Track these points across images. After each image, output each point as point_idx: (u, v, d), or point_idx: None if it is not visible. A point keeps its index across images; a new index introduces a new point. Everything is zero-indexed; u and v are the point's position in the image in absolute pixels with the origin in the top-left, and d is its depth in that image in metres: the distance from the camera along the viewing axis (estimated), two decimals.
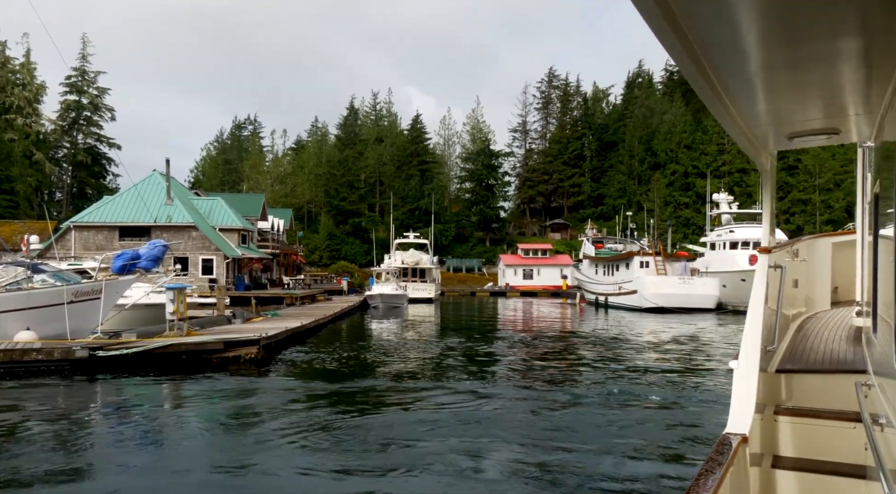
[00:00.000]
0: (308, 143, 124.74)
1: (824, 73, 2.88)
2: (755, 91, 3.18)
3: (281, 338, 23.11)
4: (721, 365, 20.58)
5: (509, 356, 22.68)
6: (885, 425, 3.21)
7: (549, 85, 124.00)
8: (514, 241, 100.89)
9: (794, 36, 2.39)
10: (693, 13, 2.16)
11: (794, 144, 4.44)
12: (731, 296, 46.48)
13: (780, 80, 2.99)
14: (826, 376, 5.12)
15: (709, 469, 3.09)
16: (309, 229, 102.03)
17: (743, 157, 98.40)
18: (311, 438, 11.36)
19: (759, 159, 4.91)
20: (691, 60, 2.51)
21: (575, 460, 10.11)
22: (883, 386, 3.40)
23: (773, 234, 5.83)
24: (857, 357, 5.34)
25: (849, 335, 6.45)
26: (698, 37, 2.34)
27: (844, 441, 4.42)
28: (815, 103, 3.47)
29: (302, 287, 57.06)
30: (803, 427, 4.68)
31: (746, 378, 4.30)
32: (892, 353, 2.85)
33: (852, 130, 4.15)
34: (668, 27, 2.14)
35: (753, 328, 4.53)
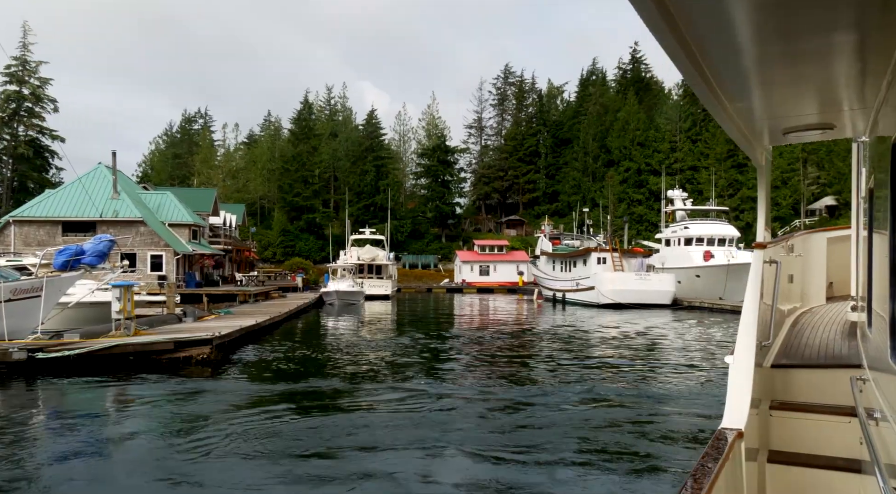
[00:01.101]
0: (261, 137, 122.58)
1: (819, 67, 2.86)
2: (750, 86, 3.17)
3: (234, 337, 22.27)
4: (681, 361, 20.54)
5: (467, 354, 22.29)
6: (879, 419, 3.23)
7: (505, 81, 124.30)
8: (469, 237, 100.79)
9: (788, 30, 2.37)
10: (688, 8, 2.12)
11: (789, 139, 4.42)
12: (686, 292, 47.01)
13: (775, 75, 2.98)
14: (821, 370, 5.12)
15: (704, 463, 3.07)
16: (262, 224, 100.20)
17: (694, 154, 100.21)
18: (264, 444, 10.79)
19: (754, 155, 4.89)
20: (686, 56, 2.47)
21: (535, 461, 9.81)
22: (878, 381, 3.46)
23: (769, 229, 5.80)
24: (851, 352, 5.34)
25: (844, 329, 6.47)
26: (693, 32, 2.31)
27: (839, 436, 4.47)
28: (809, 98, 3.47)
29: (255, 284, 55.78)
30: (798, 422, 4.72)
31: (742, 373, 4.26)
32: (886, 347, 2.89)
33: (847, 125, 4.14)
34: (663, 22, 2.10)
35: (749, 324, 4.51)
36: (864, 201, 5.31)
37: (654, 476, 9.35)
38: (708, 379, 17.19)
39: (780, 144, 4.89)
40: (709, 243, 49.40)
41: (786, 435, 4.75)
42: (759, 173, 5.44)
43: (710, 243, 49.46)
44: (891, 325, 2.89)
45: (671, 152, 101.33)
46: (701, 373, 18.24)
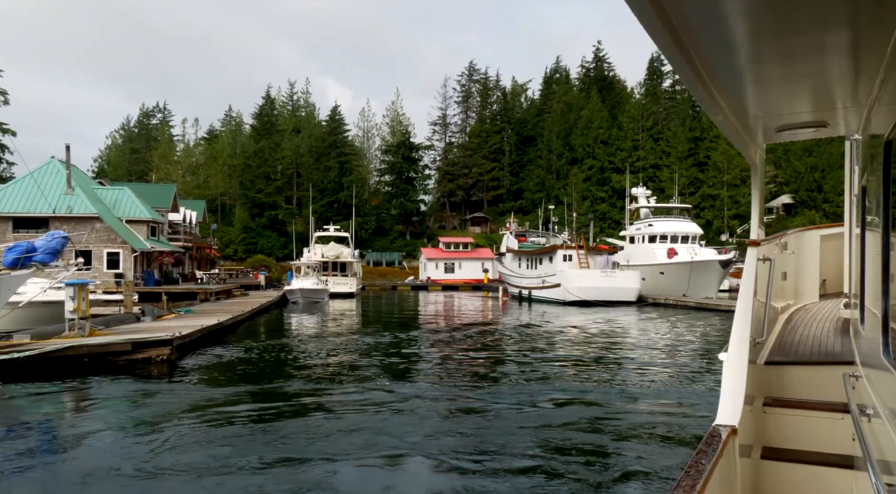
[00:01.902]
0: (222, 133, 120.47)
1: (813, 65, 2.87)
2: (744, 84, 3.17)
3: (195, 337, 21.54)
4: (650, 358, 20.46)
5: (433, 353, 21.94)
6: (872, 415, 3.26)
7: (470, 79, 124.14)
8: (434, 234, 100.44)
9: (782, 28, 2.36)
10: (682, 5, 2.12)
11: (783, 136, 4.45)
12: (650, 289, 47.31)
13: (769, 72, 2.97)
14: (814, 367, 5.17)
15: (698, 460, 3.07)
16: (223, 221, 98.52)
17: (656, 153, 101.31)
18: (223, 451, 10.31)
19: (747, 152, 4.85)
20: (680, 53, 2.45)
21: (504, 468, 9.51)
22: (870, 377, 3.48)
23: (762, 227, 5.82)
24: (844, 349, 5.38)
25: (837, 326, 6.48)
26: (687, 29, 2.30)
27: (832, 432, 4.52)
28: (803, 96, 3.48)
29: (216, 282, 54.66)
30: (792, 419, 4.75)
31: (735, 370, 4.27)
32: (879, 344, 2.93)
33: (840, 123, 4.16)
34: (658, 20, 2.08)
35: (742, 321, 4.51)
36: (856, 199, 5.30)
37: (631, 478, 9.09)
38: (677, 376, 17.09)
39: (774, 142, 4.90)
40: (672, 241, 49.85)
41: (779, 432, 4.77)
42: (752, 171, 5.45)
43: (673, 240, 49.91)
44: (883, 322, 2.91)
45: (633, 151, 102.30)
46: (670, 370, 18.15)
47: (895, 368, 2.65)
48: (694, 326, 31.21)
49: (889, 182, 2.85)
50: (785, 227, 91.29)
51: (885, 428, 2.84)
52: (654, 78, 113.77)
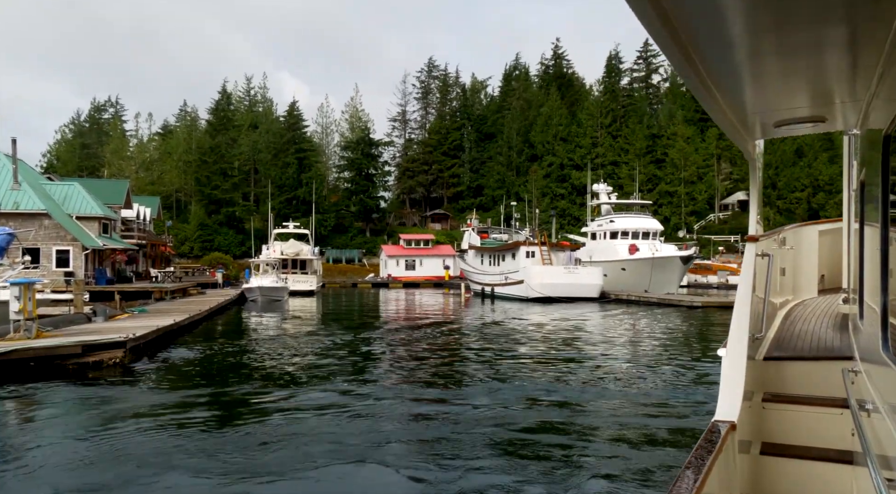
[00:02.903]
0: (177, 128, 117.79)
1: (811, 60, 2.87)
2: (742, 79, 3.17)
3: (150, 339, 20.66)
4: (620, 355, 20.32)
5: (395, 352, 21.48)
6: (871, 411, 3.26)
7: (429, 75, 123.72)
8: (394, 231, 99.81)
9: (780, 23, 2.36)
10: (680, 1, 2.12)
11: (781, 132, 4.45)
12: (612, 285, 47.51)
13: (767, 68, 2.97)
14: (813, 363, 5.17)
15: (698, 456, 3.08)
16: (178, 218, 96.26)
17: (615, 150, 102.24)
18: (180, 460, 9.70)
19: (745, 148, 4.89)
20: (678, 49, 2.45)
21: (463, 468, 9.18)
22: (869, 372, 3.49)
23: (761, 223, 5.87)
24: (843, 344, 5.38)
25: (835, 322, 6.48)
26: (685, 25, 2.30)
27: (832, 428, 4.52)
28: (801, 91, 3.48)
29: (172, 280, 53.24)
30: (791, 414, 4.76)
31: (734, 366, 4.29)
32: (878, 339, 2.93)
33: (838, 118, 4.17)
34: (655, 15, 2.09)
35: (741, 317, 4.52)
36: (855, 194, 5.30)
37: (603, 479, 8.76)
38: (648, 373, 16.91)
39: (772, 138, 4.87)
40: (634, 237, 50.14)
41: (778, 427, 4.78)
42: (750, 167, 5.46)
43: (634, 236, 50.21)
44: (882, 317, 2.91)
45: (593, 148, 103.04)
46: (639, 366, 17.98)
47: (894, 363, 2.63)
48: (658, 322, 31.28)
49: (888, 177, 2.85)
50: (740, 224, 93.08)
51: (884, 423, 2.83)
52: (612, 76, 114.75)
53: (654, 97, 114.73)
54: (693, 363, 18.61)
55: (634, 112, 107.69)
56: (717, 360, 16.01)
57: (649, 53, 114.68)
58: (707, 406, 12.99)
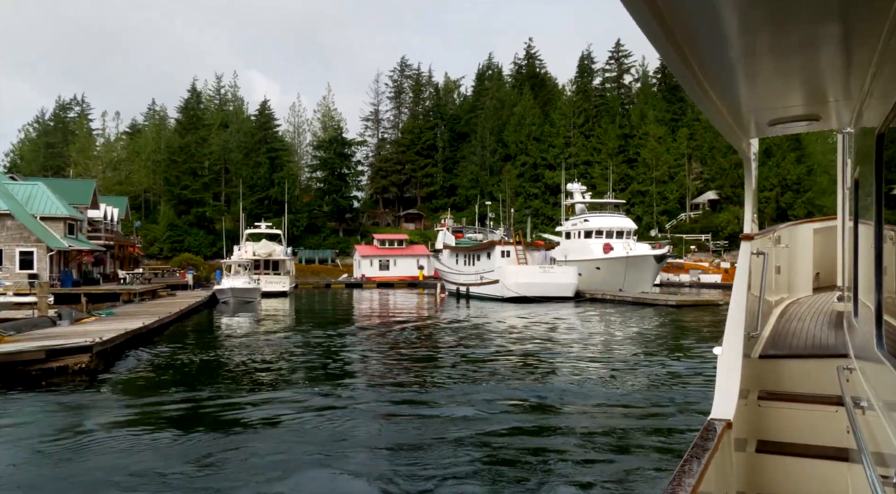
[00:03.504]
0: (145, 127, 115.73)
1: (805, 59, 2.87)
2: (737, 78, 3.16)
3: (119, 342, 20.02)
4: (594, 353, 20.16)
5: (369, 354, 21.17)
6: (866, 408, 3.27)
7: (402, 74, 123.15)
8: (368, 231, 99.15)
9: (775, 21, 2.37)
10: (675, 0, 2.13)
11: (776, 130, 4.44)
12: (587, 284, 47.51)
13: (762, 66, 2.98)
14: (808, 360, 5.18)
15: (694, 454, 3.08)
16: (147, 219, 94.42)
17: (588, 150, 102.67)
18: (149, 470, 9.32)
19: (740, 146, 4.87)
20: (673, 48, 2.44)
21: (440, 477, 8.92)
22: (864, 370, 3.53)
23: (756, 221, 5.94)
24: (838, 342, 5.39)
25: (830, 320, 6.51)
26: (680, 24, 2.30)
27: (827, 425, 4.54)
28: (795, 90, 3.48)
29: (141, 282, 52.14)
30: (786, 412, 4.79)
31: (730, 364, 4.29)
32: (872, 337, 2.97)
33: (832, 117, 4.18)
34: (650, 14, 2.09)
35: (737, 315, 4.53)
36: (849, 192, 5.32)
37: (577, 484, 8.51)
38: (627, 372, 16.75)
39: (766, 136, 4.87)
40: (608, 236, 50.20)
41: (774, 425, 4.79)
42: (745, 165, 5.43)
43: (608, 235, 50.28)
44: (876, 314, 2.93)
45: (565, 147, 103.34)
46: (618, 367, 17.82)
47: (888, 360, 2.63)
48: (633, 321, 31.26)
49: (881, 175, 2.85)
50: (711, 223, 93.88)
51: (879, 420, 2.84)
52: (584, 76, 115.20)
53: (626, 97, 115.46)
54: (672, 362, 18.50)
55: (607, 112, 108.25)
56: (695, 358, 16.04)
57: (621, 54, 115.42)
58: (687, 406, 12.83)
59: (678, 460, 2.89)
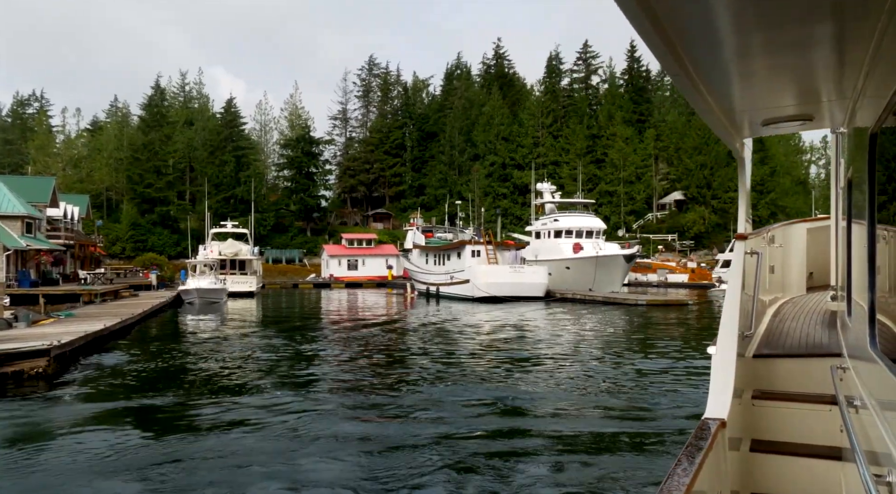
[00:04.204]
0: (107, 124, 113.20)
1: (798, 58, 2.88)
2: (730, 77, 3.17)
3: (78, 345, 19.30)
4: (570, 355, 20.00)
5: (337, 356, 20.75)
6: (859, 407, 3.29)
7: (370, 73, 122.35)
8: (336, 231, 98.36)
9: (768, 21, 2.38)
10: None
11: (769, 130, 4.45)
12: (557, 284, 47.53)
13: (755, 66, 2.98)
14: (802, 360, 5.20)
15: (688, 453, 3.09)
16: (109, 217, 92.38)
17: (556, 150, 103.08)
18: (107, 482, 8.78)
19: (734, 146, 4.88)
20: (666, 47, 2.45)
21: (411, 486, 8.62)
22: (857, 369, 3.54)
23: (749, 220, 5.86)
24: (832, 341, 5.40)
25: (824, 319, 6.52)
26: (673, 23, 2.30)
27: (821, 424, 4.56)
28: (789, 89, 3.51)
29: (102, 282, 50.84)
30: (780, 411, 4.81)
31: (724, 364, 4.29)
32: (866, 336, 2.97)
33: (825, 117, 4.20)
34: (643, 14, 2.09)
35: (731, 314, 4.52)
36: (842, 192, 5.33)
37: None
38: (599, 373, 16.58)
39: (760, 136, 4.89)
40: (577, 236, 50.31)
41: (768, 424, 4.81)
42: (739, 165, 5.43)
43: (578, 235, 50.39)
44: (870, 314, 2.93)
45: (534, 147, 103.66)
46: (592, 368, 17.67)
47: (882, 360, 2.64)
48: (604, 321, 31.25)
49: (874, 175, 2.86)
50: (677, 223, 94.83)
51: (872, 419, 2.85)
52: (552, 76, 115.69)
53: (594, 98, 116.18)
54: (645, 362, 18.40)
55: (575, 112, 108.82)
56: (669, 358, 15.89)
57: (588, 55, 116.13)
58: (660, 406, 12.68)
59: (653, 460, 2.75)
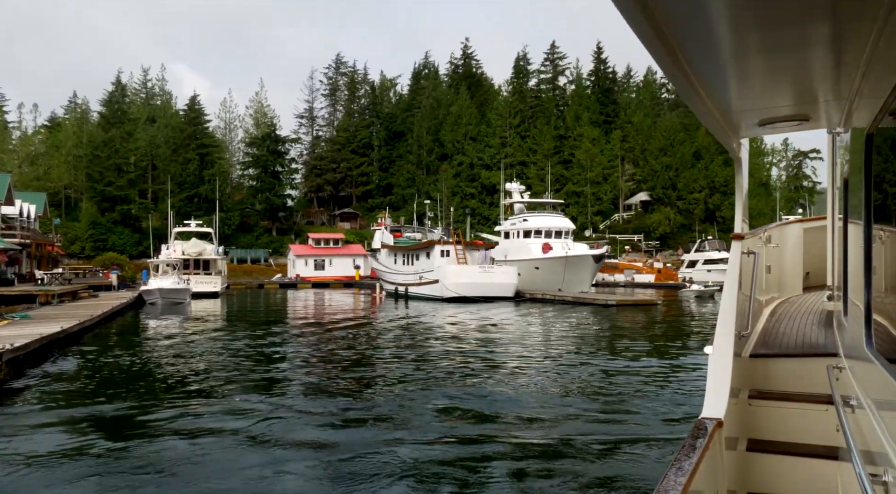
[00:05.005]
0: (65, 120, 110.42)
1: (795, 59, 2.89)
2: (727, 78, 3.18)
3: (33, 349, 18.42)
4: (541, 355, 19.75)
5: (302, 359, 20.22)
6: (855, 406, 3.31)
7: (337, 72, 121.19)
8: (302, 230, 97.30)
9: (765, 21, 2.39)
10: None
11: (766, 130, 4.46)
12: (526, 284, 47.42)
13: (752, 66, 3.00)
14: (798, 360, 5.22)
15: (684, 453, 3.10)
16: (68, 216, 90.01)
17: (523, 150, 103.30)
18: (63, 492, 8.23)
19: (731, 147, 4.89)
20: (663, 48, 2.45)
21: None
22: (853, 369, 3.57)
23: (746, 220, 5.86)
24: (828, 341, 5.42)
25: (820, 319, 6.55)
26: (670, 23, 2.31)
27: (817, 424, 4.58)
28: (786, 90, 3.51)
29: (60, 283, 49.35)
30: (777, 411, 4.83)
31: (721, 364, 4.31)
32: (862, 336, 3.00)
33: (822, 117, 4.22)
34: (641, 14, 2.10)
35: (727, 314, 4.55)
36: (839, 192, 5.37)
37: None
38: (572, 376, 16.33)
39: (757, 136, 5.05)
40: (546, 236, 50.27)
41: (764, 424, 4.84)
42: (736, 165, 5.46)
43: (547, 235, 50.35)
44: (866, 314, 2.95)
45: (502, 147, 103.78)
46: (564, 368, 17.41)
47: (878, 359, 2.64)
48: (575, 321, 31.14)
49: (871, 175, 2.88)
50: (643, 223, 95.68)
51: (868, 419, 2.87)
52: (520, 76, 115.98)
53: (561, 99, 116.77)
54: (616, 363, 18.22)
55: (542, 113, 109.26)
56: (645, 358, 15.61)
57: (556, 56, 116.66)
58: (645, 412, 12.44)
59: (635, 463, 2.55)
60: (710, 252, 67.65)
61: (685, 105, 53.54)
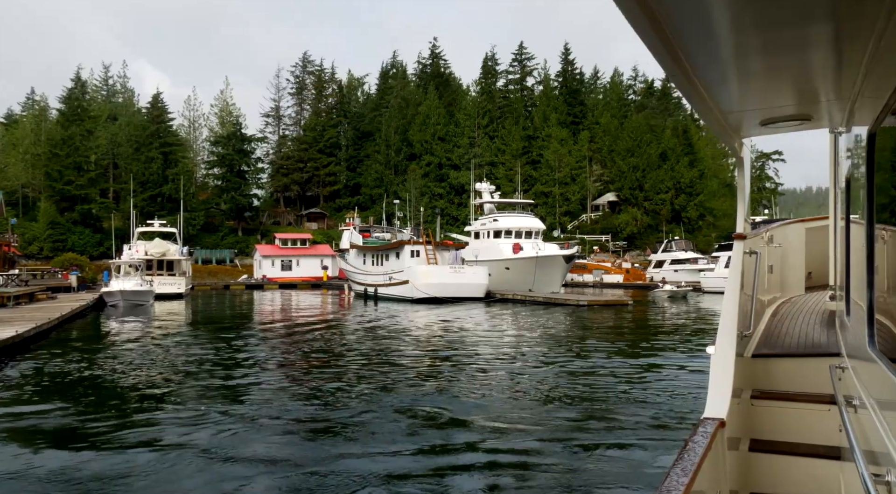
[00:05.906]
0: (22, 117, 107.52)
1: (796, 58, 2.88)
2: (728, 77, 3.18)
3: None
4: (513, 356, 19.45)
5: (268, 362, 19.56)
6: (858, 406, 3.31)
7: (304, 70, 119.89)
8: (268, 231, 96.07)
9: (766, 21, 2.39)
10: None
11: (767, 130, 4.47)
12: (497, 284, 47.22)
13: (753, 66, 2.99)
14: (801, 359, 5.21)
15: (687, 453, 3.10)
16: (25, 216, 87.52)
17: (492, 150, 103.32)
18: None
19: (732, 146, 4.91)
20: (665, 48, 2.46)
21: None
22: (856, 369, 3.56)
23: (748, 221, 5.81)
24: (830, 341, 5.41)
25: (822, 319, 6.53)
26: (672, 23, 2.31)
27: (819, 424, 4.59)
28: (787, 89, 3.52)
29: (16, 284, 47.77)
30: (779, 411, 4.83)
31: (723, 364, 4.32)
32: (864, 336, 2.99)
33: (824, 117, 4.20)
34: (642, 14, 2.11)
35: (729, 314, 4.55)
36: (841, 192, 5.35)
37: None
38: (546, 377, 16.05)
39: (759, 136, 4.87)
40: (517, 236, 50.15)
41: (767, 424, 4.84)
42: (738, 165, 5.41)
43: (518, 235, 50.24)
44: (868, 314, 2.95)
45: (470, 148, 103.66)
46: (547, 370, 17.12)
47: (880, 359, 2.65)
48: (547, 322, 30.95)
49: (873, 175, 2.89)
50: (611, 223, 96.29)
51: (870, 419, 2.87)
52: (488, 77, 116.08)
53: (529, 99, 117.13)
54: (589, 363, 17.98)
55: (510, 113, 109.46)
56: (622, 357, 15.28)
57: (524, 56, 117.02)
58: (608, 419, 12.17)
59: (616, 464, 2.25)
60: (676, 252, 68.34)
61: (651, 107, 54.50)
